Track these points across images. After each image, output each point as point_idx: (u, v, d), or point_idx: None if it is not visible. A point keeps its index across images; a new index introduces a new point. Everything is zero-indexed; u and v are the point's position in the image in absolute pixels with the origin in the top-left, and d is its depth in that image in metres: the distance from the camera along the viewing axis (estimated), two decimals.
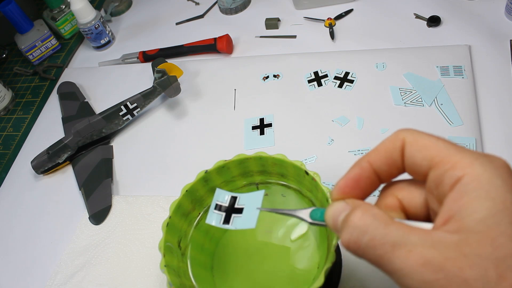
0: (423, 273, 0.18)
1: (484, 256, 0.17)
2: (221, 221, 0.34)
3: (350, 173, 0.25)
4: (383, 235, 0.20)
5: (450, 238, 0.19)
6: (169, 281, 0.34)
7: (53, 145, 0.58)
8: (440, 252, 0.18)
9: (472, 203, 0.19)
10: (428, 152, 0.22)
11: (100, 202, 0.53)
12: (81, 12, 0.70)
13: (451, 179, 0.20)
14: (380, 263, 0.20)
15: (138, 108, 0.60)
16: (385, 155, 0.24)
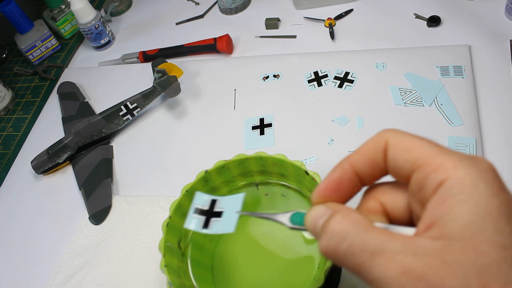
0: (403, 282, 0.17)
1: (466, 264, 0.17)
2: (200, 225, 0.32)
3: (331, 176, 0.24)
4: (362, 242, 0.19)
5: (432, 245, 0.18)
6: (169, 281, 0.34)
7: (53, 145, 0.58)
8: (422, 260, 0.17)
9: (455, 208, 0.18)
10: (411, 154, 0.21)
11: (100, 202, 0.53)
12: (81, 12, 0.70)
13: (434, 182, 0.19)
14: (359, 271, 0.19)
15: (138, 108, 0.60)
16: (368, 157, 0.23)
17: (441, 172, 0.19)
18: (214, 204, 0.33)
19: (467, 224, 0.17)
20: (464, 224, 0.17)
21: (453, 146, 0.46)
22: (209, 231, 0.31)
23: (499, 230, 0.17)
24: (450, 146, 0.46)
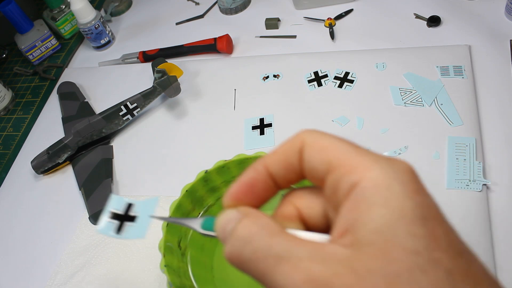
0: None
1: (376, 272, 0.15)
2: (114, 230, 0.30)
3: (243, 178, 0.22)
4: (267, 247, 0.18)
5: (342, 252, 0.16)
6: (169, 281, 0.34)
7: (53, 145, 0.58)
8: (329, 267, 0.16)
9: (368, 212, 0.17)
10: (326, 155, 0.20)
11: (100, 202, 0.53)
12: (81, 12, 0.70)
13: (347, 185, 0.18)
14: (263, 279, 0.18)
15: (138, 108, 0.60)
16: (283, 158, 0.21)
17: (355, 174, 0.18)
18: (129, 208, 0.32)
19: (378, 228, 0.16)
20: (376, 228, 0.16)
21: (453, 146, 0.46)
22: (121, 236, 0.30)
23: (412, 234, 0.16)
24: (450, 146, 0.46)
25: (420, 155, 0.47)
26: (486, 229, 0.40)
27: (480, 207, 0.41)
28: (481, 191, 0.42)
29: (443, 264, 0.15)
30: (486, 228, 0.40)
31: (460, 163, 0.45)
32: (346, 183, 0.18)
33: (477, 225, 0.40)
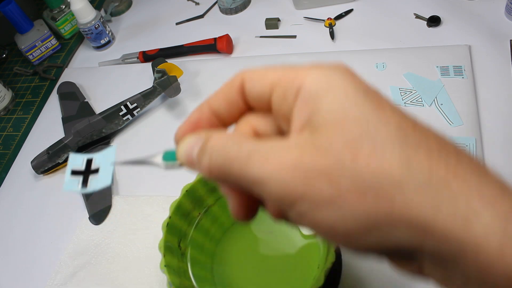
0: (280, 175, 0.18)
1: (336, 142, 0.18)
2: (79, 185, 0.30)
3: (189, 118, 0.24)
4: (238, 148, 0.20)
5: (304, 137, 0.19)
6: (169, 281, 0.34)
7: (53, 145, 0.58)
8: (295, 151, 0.18)
9: (316, 103, 0.19)
10: (266, 78, 0.21)
11: (100, 202, 0.53)
12: (81, 12, 0.70)
13: (292, 92, 0.20)
14: (241, 179, 0.19)
15: (138, 108, 0.60)
16: (224, 96, 0.23)
17: (296, 81, 0.20)
18: (90, 163, 0.33)
19: (329, 111, 0.19)
20: (327, 112, 0.19)
21: None
22: (88, 189, 0.31)
23: (359, 105, 0.18)
24: None
25: None
26: None
27: None
28: None
29: (393, 122, 0.18)
30: None
31: None
32: (291, 90, 0.20)
33: None
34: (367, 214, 0.17)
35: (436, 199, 0.17)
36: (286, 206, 0.19)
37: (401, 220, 0.17)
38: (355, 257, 0.41)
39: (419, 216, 0.17)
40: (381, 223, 0.17)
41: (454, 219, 0.17)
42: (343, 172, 0.17)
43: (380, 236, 0.18)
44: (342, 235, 0.19)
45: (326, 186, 0.18)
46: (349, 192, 0.17)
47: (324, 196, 0.18)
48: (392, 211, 0.17)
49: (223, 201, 0.42)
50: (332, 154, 0.18)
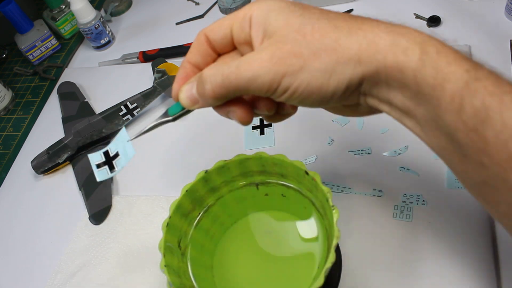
0: (264, 67, 0.27)
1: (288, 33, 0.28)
2: (108, 173, 0.38)
3: (178, 75, 0.34)
4: (227, 66, 0.28)
5: (267, 42, 0.28)
6: (169, 281, 0.34)
7: (53, 145, 0.58)
8: (265, 51, 0.27)
9: (267, 20, 0.28)
10: (223, 24, 0.31)
11: (100, 202, 0.53)
12: (81, 12, 0.70)
13: (246, 22, 0.29)
14: (239, 84, 0.28)
15: (138, 108, 0.60)
16: (197, 51, 0.33)
17: (247, 15, 0.29)
18: (108, 154, 0.39)
19: (276, 21, 0.28)
20: (275, 22, 0.28)
21: None
22: (117, 171, 0.38)
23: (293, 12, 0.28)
24: None
25: (420, 155, 0.47)
26: (486, 229, 0.40)
27: (480, 207, 0.41)
28: None
29: (318, 11, 0.29)
30: (487, 227, 0.40)
31: None
32: (245, 23, 0.30)
33: (477, 224, 0.40)
34: (326, 64, 0.27)
35: (358, 39, 0.27)
36: (275, 86, 0.28)
37: (346, 59, 0.27)
38: (355, 257, 0.41)
39: (353, 53, 0.27)
40: (335, 67, 0.27)
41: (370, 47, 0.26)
42: (301, 48, 0.27)
43: (338, 75, 0.27)
44: (316, 89, 0.28)
45: (296, 60, 0.27)
46: (309, 57, 0.27)
47: (297, 66, 0.27)
48: (338, 56, 0.27)
49: (223, 201, 0.42)
50: (289, 40, 0.27)
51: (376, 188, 0.45)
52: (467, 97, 0.24)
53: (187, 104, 0.33)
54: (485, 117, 0.24)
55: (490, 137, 0.24)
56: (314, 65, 0.27)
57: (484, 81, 0.24)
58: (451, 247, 0.39)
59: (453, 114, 0.25)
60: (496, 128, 0.23)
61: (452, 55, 0.26)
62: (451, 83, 0.25)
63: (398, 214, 0.43)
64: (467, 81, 0.25)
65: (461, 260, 0.38)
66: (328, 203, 0.33)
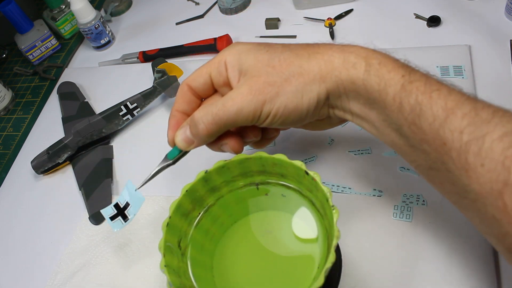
0: (245, 100, 0.33)
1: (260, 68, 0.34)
2: (122, 222, 0.43)
3: (170, 124, 0.39)
4: (214, 106, 0.34)
5: (243, 80, 0.35)
6: (169, 281, 0.34)
7: (53, 145, 0.58)
8: (243, 87, 0.34)
9: (240, 62, 0.35)
10: (202, 72, 0.39)
11: (100, 202, 0.53)
12: (81, 12, 0.70)
13: (222, 67, 0.37)
14: (228, 119, 0.34)
15: (138, 108, 0.60)
16: (183, 100, 0.39)
17: (222, 60, 0.37)
18: (118, 206, 0.44)
19: (247, 61, 0.35)
20: (246, 63, 0.35)
21: None
22: (130, 219, 0.42)
23: (258, 53, 0.35)
24: None
25: None
26: None
27: None
28: None
29: (278, 50, 0.35)
30: None
31: None
32: (221, 68, 0.37)
33: None
34: (297, 86, 0.33)
35: (317, 62, 0.33)
36: (259, 114, 0.34)
37: (311, 80, 0.33)
38: (355, 257, 0.41)
39: (316, 74, 0.33)
40: (304, 87, 0.33)
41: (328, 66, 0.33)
42: (274, 77, 0.33)
43: (308, 94, 0.33)
44: (293, 109, 0.34)
45: (271, 88, 0.33)
46: (282, 84, 0.33)
47: (273, 93, 0.33)
48: (305, 78, 0.33)
49: (223, 201, 0.42)
50: (262, 73, 0.34)
51: (376, 188, 0.45)
52: (405, 97, 0.30)
53: (184, 146, 0.38)
54: (419, 111, 0.29)
55: (425, 128, 0.29)
56: (287, 89, 0.33)
57: (416, 82, 0.30)
58: (451, 247, 0.39)
59: (396, 112, 0.30)
60: (429, 119, 0.28)
61: (391, 64, 0.32)
62: (392, 87, 0.30)
63: (398, 214, 0.43)
64: (403, 84, 0.30)
65: (461, 260, 0.38)
66: (328, 203, 0.33)
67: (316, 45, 0.35)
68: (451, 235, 0.40)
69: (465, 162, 0.27)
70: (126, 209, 0.44)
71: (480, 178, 0.26)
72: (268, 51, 0.35)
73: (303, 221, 0.41)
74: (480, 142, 0.26)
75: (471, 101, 0.28)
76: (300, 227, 0.42)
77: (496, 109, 0.27)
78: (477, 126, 0.26)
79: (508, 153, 0.25)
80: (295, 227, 0.42)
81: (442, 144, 0.28)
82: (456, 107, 0.28)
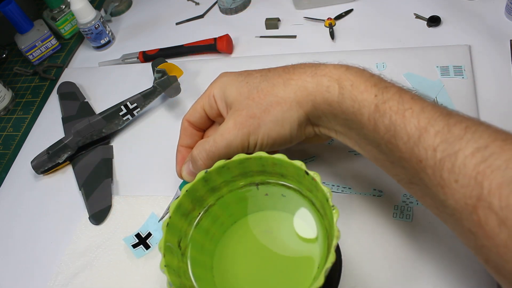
0: (232, 134, 0.37)
1: (242, 102, 0.37)
2: (144, 250, 0.47)
3: (177, 159, 0.44)
4: (206, 142, 0.38)
5: (230, 113, 0.38)
6: (169, 281, 0.34)
7: (53, 145, 0.58)
8: (229, 121, 0.37)
9: (224, 95, 0.39)
10: (197, 107, 0.43)
11: (100, 202, 0.53)
12: (81, 12, 0.70)
13: (212, 100, 0.41)
14: (219, 152, 0.38)
15: (138, 108, 0.60)
16: (186, 136, 0.43)
17: (210, 94, 0.41)
18: (140, 236, 0.48)
19: (230, 95, 0.39)
20: (230, 96, 0.39)
21: None
22: (152, 247, 0.47)
23: (241, 86, 0.38)
24: None
25: None
26: None
27: None
28: None
29: (256, 80, 0.38)
30: None
31: None
32: (211, 102, 0.41)
33: None
34: (276, 116, 0.36)
35: (292, 88, 0.36)
36: (246, 144, 0.37)
37: (288, 107, 0.36)
38: (355, 257, 0.41)
39: (292, 100, 0.35)
40: (283, 114, 0.36)
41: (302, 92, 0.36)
42: (254, 110, 0.36)
43: (288, 120, 0.36)
44: (277, 136, 0.36)
45: (252, 120, 0.36)
46: (262, 115, 0.36)
47: (255, 125, 0.36)
48: (282, 106, 0.36)
49: (223, 201, 0.42)
50: (244, 107, 0.37)
51: (376, 188, 0.45)
52: (379, 118, 0.30)
53: (190, 179, 0.41)
54: (394, 131, 0.30)
55: (401, 146, 0.29)
56: (267, 119, 0.36)
57: (390, 102, 0.31)
58: (451, 247, 0.39)
59: (372, 132, 0.31)
60: (404, 138, 0.29)
61: (363, 84, 0.32)
62: (366, 108, 0.31)
63: (398, 214, 0.43)
64: (376, 105, 0.31)
65: (461, 260, 0.39)
66: (328, 203, 0.33)
67: (291, 70, 0.37)
68: (451, 235, 0.40)
69: (440, 178, 0.27)
70: (148, 238, 0.48)
71: (455, 194, 0.27)
72: (248, 82, 0.37)
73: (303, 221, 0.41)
74: (453, 159, 0.27)
75: (444, 117, 0.29)
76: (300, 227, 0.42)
77: (469, 124, 0.28)
78: (450, 143, 0.27)
79: (480, 168, 0.25)
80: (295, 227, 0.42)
81: (418, 161, 0.29)
82: (429, 124, 0.29)
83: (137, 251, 0.47)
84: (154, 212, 0.48)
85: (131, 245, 0.47)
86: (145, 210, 0.51)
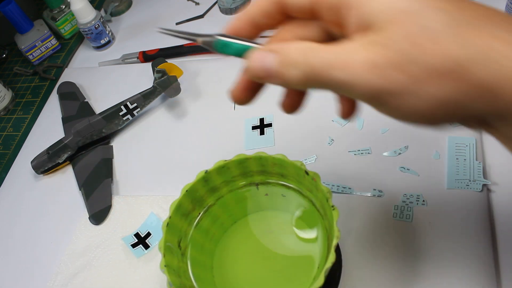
0: (360, 74, 0.20)
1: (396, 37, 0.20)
2: (143, 250, 0.46)
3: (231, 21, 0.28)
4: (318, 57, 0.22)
5: (368, 38, 0.21)
6: (169, 281, 0.34)
7: (53, 145, 0.58)
8: (365, 53, 0.20)
9: (368, 4, 0.21)
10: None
11: (100, 202, 0.53)
12: (81, 12, 0.70)
13: None
14: (330, 84, 0.22)
15: (138, 108, 0.60)
16: (260, 10, 0.26)
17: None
18: (139, 235, 0.47)
19: (381, 10, 0.20)
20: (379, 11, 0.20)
21: (453, 146, 0.46)
22: (151, 247, 0.46)
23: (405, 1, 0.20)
24: (450, 146, 0.46)
25: (420, 155, 0.47)
26: (486, 229, 0.40)
27: (480, 207, 0.41)
28: (481, 191, 0.42)
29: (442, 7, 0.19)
30: (486, 228, 0.40)
31: (460, 163, 0.45)
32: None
33: (477, 225, 0.40)
34: (448, 96, 0.19)
35: (499, 70, 0.18)
36: (371, 100, 0.21)
37: (477, 94, 0.19)
38: (355, 257, 0.41)
39: (491, 87, 0.19)
40: (460, 100, 0.19)
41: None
42: (411, 62, 0.19)
43: (459, 110, 0.20)
44: (422, 117, 0.21)
45: (401, 76, 0.19)
46: (422, 79, 0.19)
47: (401, 86, 0.20)
48: (468, 89, 0.19)
49: (223, 201, 0.42)
50: (395, 48, 0.19)
51: (376, 188, 0.45)
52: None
53: (258, 71, 0.25)
54: None
55: None
56: (428, 91, 0.20)
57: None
58: (451, 247, 0.39)
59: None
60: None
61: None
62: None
63: (398, 214, 0.43)
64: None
65: (461, 260, 0.38)
66: (328, 203, 0.33)
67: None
68: (451, 235, 0.40)
69: None
70: (147, 238, 0.47)
71: None
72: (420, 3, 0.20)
73: (303, 221, 0.41)
74: None
75: None
76: (300, 227, 0.42)
77: None
78: None
79: None
80: (295, 227, 0.42)
81: None
82: None
83: (136, 250, 0.46)
84: (153, 211, 0.48)
85: (130, 245, 0.46)
86: (145, 210, 0.51)
